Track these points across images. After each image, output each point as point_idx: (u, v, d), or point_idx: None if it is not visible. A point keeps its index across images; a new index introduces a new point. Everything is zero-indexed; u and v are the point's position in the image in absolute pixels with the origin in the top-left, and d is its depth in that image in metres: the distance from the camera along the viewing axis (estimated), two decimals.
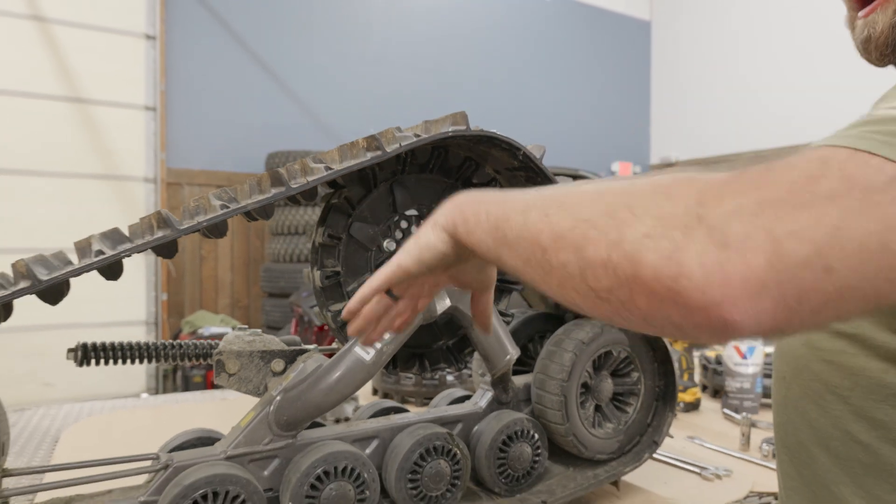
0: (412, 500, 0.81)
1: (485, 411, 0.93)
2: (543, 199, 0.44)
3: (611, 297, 0.36)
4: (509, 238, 0.45)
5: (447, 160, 0.89)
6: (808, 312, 0.32)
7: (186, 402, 1.49)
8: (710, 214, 0.33)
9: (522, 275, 0.44)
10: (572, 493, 0.90)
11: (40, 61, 4.05)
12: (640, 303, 0.34)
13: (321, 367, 0.77)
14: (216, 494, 0.68)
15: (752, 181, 0.34)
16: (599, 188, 0.40)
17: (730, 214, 0.32)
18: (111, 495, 0.71)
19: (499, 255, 0.47)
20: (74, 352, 0.77)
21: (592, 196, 0.40)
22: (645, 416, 1.00)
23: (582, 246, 0.37)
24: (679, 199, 0.35)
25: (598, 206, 0.38)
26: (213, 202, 0.65)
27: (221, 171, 4.71)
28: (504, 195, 0.49)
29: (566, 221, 0.39)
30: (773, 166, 0.35)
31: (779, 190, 0.33)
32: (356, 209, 0.84)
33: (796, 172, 0.34)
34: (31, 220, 3.99)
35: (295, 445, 0.77)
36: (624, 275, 0.34)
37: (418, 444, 0.81)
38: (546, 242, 0.40)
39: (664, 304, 0.33)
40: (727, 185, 0.34)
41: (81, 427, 1.25)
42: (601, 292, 0.36)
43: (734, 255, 0.31)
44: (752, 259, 0.31)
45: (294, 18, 4.98)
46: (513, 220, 0.45)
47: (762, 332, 0.32)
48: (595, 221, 0.37)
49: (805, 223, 0.32)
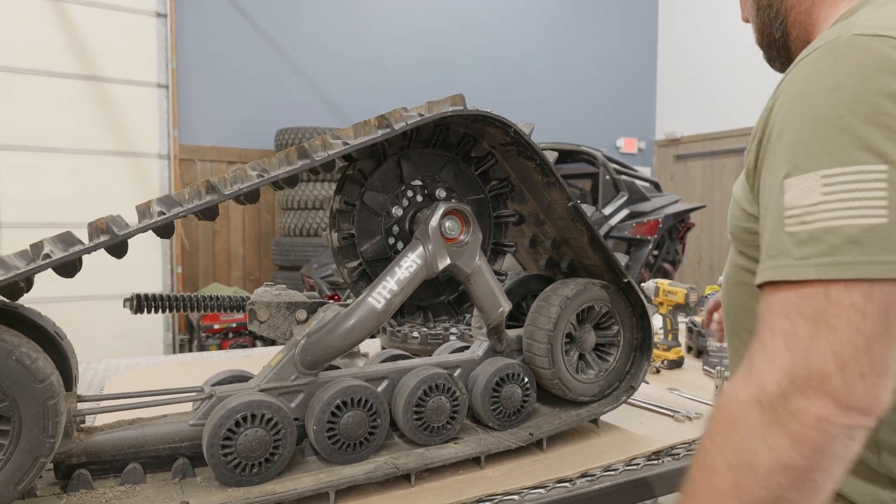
0: (417, 430, 0.94)
1: (481, 358, 1.06)
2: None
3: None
4: None
5: (448, 136, 1.00)
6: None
7: (213, 358, 1.64)
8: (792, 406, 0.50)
9: None
10: (556, 428, 1.03)
11: (55, 40, 4.14)
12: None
13: (339, 315, 0.90)
14: (253, 417, 0.81)
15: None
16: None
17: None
18: (166, 418, 0.85)
19: None
20: (130, 301, 0.90)
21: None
22: (624, 365, 1.13)
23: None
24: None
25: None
26: (249, 172, 0.77)
27: (232, 148, 4.82)
28: None
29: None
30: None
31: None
32: (368, 180, 0.96)
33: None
34: (49, 196, 4.14)
35: (317, 382, 0.91)
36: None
37: (422, 382, 0.94)
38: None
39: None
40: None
41: (123, 377, 1.40)
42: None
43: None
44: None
45: None
46: None
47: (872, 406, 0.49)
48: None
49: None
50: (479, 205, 1.06)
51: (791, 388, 0.49)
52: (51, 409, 0.67)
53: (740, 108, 5.84)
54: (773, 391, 0.49)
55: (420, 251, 0.93)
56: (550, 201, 1.06)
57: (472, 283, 0.98)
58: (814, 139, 0.53)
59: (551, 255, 1.19)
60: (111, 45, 4.28)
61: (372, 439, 0.90)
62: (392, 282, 0.91)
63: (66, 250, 0.68)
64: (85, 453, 0.77)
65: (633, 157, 6.83)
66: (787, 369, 0.49)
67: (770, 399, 0.50)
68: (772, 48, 0.79)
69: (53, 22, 4.15)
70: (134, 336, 4.08)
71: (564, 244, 1.14)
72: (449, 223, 0.95)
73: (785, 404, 0.49)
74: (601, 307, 1.09)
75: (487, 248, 1.07)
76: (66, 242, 0.70)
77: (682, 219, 3.74)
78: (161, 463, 0.83)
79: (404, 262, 0.92)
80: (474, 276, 0.98)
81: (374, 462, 0.89)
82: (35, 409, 0.66)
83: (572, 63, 6.34)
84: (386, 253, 0.99)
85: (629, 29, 6.74)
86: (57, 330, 0.85)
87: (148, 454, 0.82)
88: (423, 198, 1.01)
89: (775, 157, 0.56)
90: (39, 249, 0.67)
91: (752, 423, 0.50)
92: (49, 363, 0.69)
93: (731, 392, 0.53)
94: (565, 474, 0.94)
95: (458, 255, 0.95)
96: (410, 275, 0.92)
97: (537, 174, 1.02)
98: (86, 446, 0.77)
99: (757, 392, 0.50)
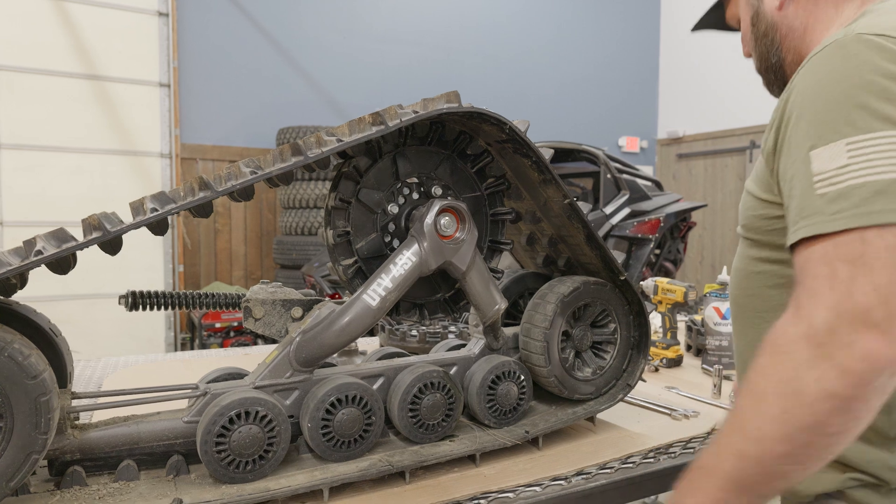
0: (413, 427, 0.94)
1: (477, 356, 1.05)
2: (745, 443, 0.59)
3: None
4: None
5: (444, 134, 1.00)
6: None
7: (212, 356, 1.64)
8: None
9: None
10: (552, 426, 1.03)
11: (57, 39, 4.15)
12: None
13: (334, 312, 0.90)
14: (248, 413, 0.81)
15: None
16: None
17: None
18: (160, 415, 0.85)
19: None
20: (125, 298, 0.90)
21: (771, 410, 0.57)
22: (621, 363, 1.13)
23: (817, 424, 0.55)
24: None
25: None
26: (242, 169, 0.77)
27: (234, 147, 4.83)
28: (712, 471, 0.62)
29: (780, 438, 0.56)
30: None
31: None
32: (363, 177, 0.96)
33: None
34: (52, 194, 4.15)
35: (312, 379, 0.91)
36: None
37: (418, 380, 0.94)
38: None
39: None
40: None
41: (122, 374, 1.40)
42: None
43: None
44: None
45: None
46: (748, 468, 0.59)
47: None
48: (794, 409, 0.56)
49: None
50: (476, 202, 1.05)
51: (839, 322, 0.54)
52: (43, 405, 0.67)
53: (743, 107, 5.82)
54: (822, 327, 0.55)
55: (415, 248, 0.93)
56: (547, 199, 1.06)
57: (468, 280, 0.98)
58: (834, 116, 0.61)
59: (548, 252, 1.18)
60: (113, 45, 4.29)
61: (367, 437, 0.90)
62: (387, 279, 0.91)
63: (59, 246, 0.68)
64: (79, 450, 0.78)
65: (635, 156, 6.82)
66: (833, 306, 0.55)
67: (818, 334, 0.55)
68: (769, 73, 0.89)
69: (56, 21, 4.16)
70: (136, 334, 4.09)
71: (561, 241, 1.14)
72: (444, 220, 0.95)
73: (833, 338, 0.54)
74: (598, 305, 1.08)
75: (484, 246, 1.07)
76: (59, 239, 0.70)
77: (683, 217, 3.72)
78: (155, 460, 0.83)
79: (399, 259, 0.92)
80: (470, 273, 0.97)
81: (369, 459, 0.89)
82: (27, 406, 0.66)
83: (574, 61, 6.33)
84: (381, 250, 0.99)
85: (631, 27, 6.72)
86: (52, 327, 0.85)
87: (142, 451, 0.82)
88: (418, 195, 1.00)
89: (796, 136, 0.65)
90: (32, 246, 0.67)
91: (801, 355, 0.55)
92: (42, 359, 0.69)
93: (779, 330, 0.59)
94: (561, 472, 0.93)
95: (453, 253, 0.95)
96: (406, 272, 0.92)
97: (533, 171, 1.02)
98: (80, 443, 0.77)
99: (806, 328, 0.56)
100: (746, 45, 0.93)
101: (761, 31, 0.86)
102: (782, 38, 0.84)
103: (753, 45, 0.90)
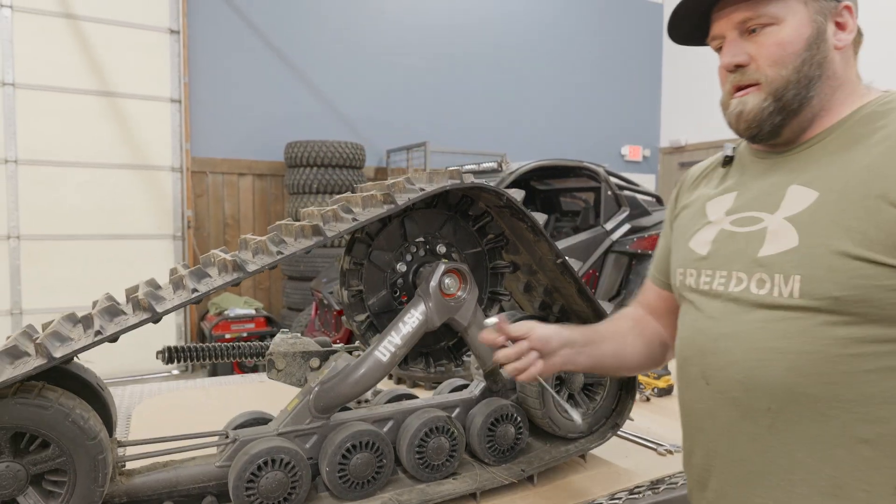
0: (419, 467, 1.04)
1: (478, 398, 1.16)
2: None
3: None
4: None
5: (448, 198, 1.10)
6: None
7: (230, 384, 1.75)
8: None
9: None
10: (547, 464, 1.13)
11: (73, 57, 4.27)
12: None
13: (349, 366, 1.00)
14: (274, 461, 0.92)
15: None
16: None
17: None
18: (195, 461, 0.96)
19: None
20: (162, 353, 1.01)
21: None
22: (610, 403, 1.22)
23: None
24: None
25: None
26: (270, 248, 0.87)
27: (243, 160, 4.94)
28: None
29: None
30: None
31: None
32: (374, 240, 1.06)
33: None
34: (68, 208, 4.27)
35: (329, 425, 1.01)
36: None
37: (424, 425, 1.04)
38: None
39: None
40: None
41: (147, 405, 1.51)
42: None
43: None
44: None
45: (311, 10, 5.13)
46: None
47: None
48: None
49: None
50: (477, 257, 1.15)
51: None
52: (100, 462, 0.77)
53: None
54: None
55: (422, 308, 1.03)
56: (541, 255, 1.16)
57: (469, 333, 1.08)
58: None
59: (544, 299, 1.28)
60: (126, 62, 4.41)
61: (378, 477, 1.00)
62: (397, 337, 1.01)
63: (113, 322, 0.79)
64: (126, 494, 0.88)
65: (637, 165, 6.89)
66: None
67: None
68: (787, 100, 0.75)
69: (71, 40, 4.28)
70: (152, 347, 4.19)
71: (556, 291, 1.24)
72: (448, 280, 1.05)
73: None
74: None
75: (484, 297, 1.17)
76: (112, 314, 0.80)
77: None
78: (191, 500, 0.93)
79: (407, 317, 1.02)
80: (471, 327, 1.07)
81: (381, 498, 0.99)
82: (87, 463, 0.77)
83: (577, 70, 6.41)
84: (391, 306, 1.09)
85: (634, 37, 6.79)
86: (98, 381, 0.95)
87: (180, 493, 0.92)
88: (424, 252, 1.10)
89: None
90: (90, 324, 0.77)
91: None
92: (98, 421, 0.79)
93: None
94: None
95: (455, 310, 1.05)
96: (413, 329, 1.02)
97: (529, 232, 1.11)
98: (126, 488, 0.88)
99: None
100: (741, 54, 0.76)
101: (815, 59, 0.73)
102: (827, 77, 0.74)
103: (788, 63, 0.73)
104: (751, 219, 0.77)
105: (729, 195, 0.83)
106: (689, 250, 0.84)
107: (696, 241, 0.84)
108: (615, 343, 0.95)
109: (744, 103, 0.77)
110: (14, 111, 4.17)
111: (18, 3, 4.09)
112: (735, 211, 0.80)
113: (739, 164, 0.86)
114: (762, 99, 0.75)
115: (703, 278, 0.80)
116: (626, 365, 0.97)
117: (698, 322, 0.79)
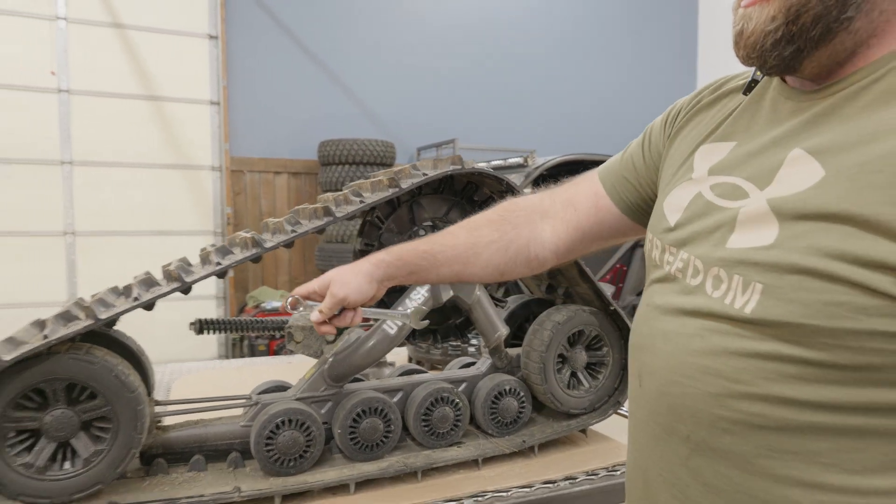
0: (425, 435, 1.12)
1: (484, 374, 1.22)
2: None
3: None
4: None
5: (454, 184, 1.18)
6: None
7: (260, 364, 1.87)
8: None
9: None
10: (548, 437, 1.19)
11: (120, 63, 4.54)
12: None
13: (360, 338, 1.09)
14: (290, 421, 1.01)
15: None
16: None
17: None
18: (222, 420, 1.06)
19: None
20: (194, 324, 1.12)
21: None
22: (613, 382, 1.27)
23: None
24: None
25: None
26: (286, 227, 0.97)
27: (278, 159, 5.14)
28: None
29: None
30: None
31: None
32: (385, 223, 1.14)
33: None
34: (117, 206, 4.54)
35: (342, 392, 1.10)
36: None
37: (430, 395, 1.12)
38: None
39: None
40: None
41: (186, 380, 1.64)
42: None
43: None
44: None
45: (342, 12, 5.29)
46: None
47: None
48: None
49: None
50: None
51: None
52: (139, 413, 0.88)
53: None
54: None
55: (427, 285, 1.10)
56: None
57: (474, 311, 1.15)
58: None
59: (550, 281, 1.34)
60: (169, 67, 4.65)
61: (387, 441, 1.09)
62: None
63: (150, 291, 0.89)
64: (162, 446, 0.99)
65: None
66: None
67: None
68: (808, 23, 0.51)
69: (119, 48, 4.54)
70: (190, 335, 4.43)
71: (559, 274, 1.30)
72: None
73: None
74: (591, 331, 1.24)
75: None
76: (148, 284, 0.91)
77: None
78: (219, 455, 1.04)
79: (414, 293, 1.10)
80: (475, 305, 1.15)
81: (388, 460, 1.07)
82: (128, 413, 0.87)
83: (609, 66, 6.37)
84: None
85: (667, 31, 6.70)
86: (138, 347, 1.07)
87: (209, 448, 1.03)
88: None
89: None
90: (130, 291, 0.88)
91: None
92: (137, 377, 0.90)
93: None
94: (551, 476, 1.09)
95: (460, 289, 1.13)
96: (418, 304, 1.10)
97: None
98: (162, 441, 0.99)
99: None
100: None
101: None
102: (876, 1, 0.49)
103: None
104: (734, 189, 0.56)
105: (726, 144, 0.61)
106: (661, 213, 0.65)
107: (670, 202, 0.64)
108: (456, 266, 0.83)
109: (747, 18, 0.54)
110: (69, 116, 4.46)
111: (73, 15, 4.38)
112: (721, 171, 0.59)
113: (758, 96, 0.62)
114: (770, 17, 0.52)
115: (667, 256, 0.62)
116: (471, 281, 0.98)
117: (647, 310, 0.64)
